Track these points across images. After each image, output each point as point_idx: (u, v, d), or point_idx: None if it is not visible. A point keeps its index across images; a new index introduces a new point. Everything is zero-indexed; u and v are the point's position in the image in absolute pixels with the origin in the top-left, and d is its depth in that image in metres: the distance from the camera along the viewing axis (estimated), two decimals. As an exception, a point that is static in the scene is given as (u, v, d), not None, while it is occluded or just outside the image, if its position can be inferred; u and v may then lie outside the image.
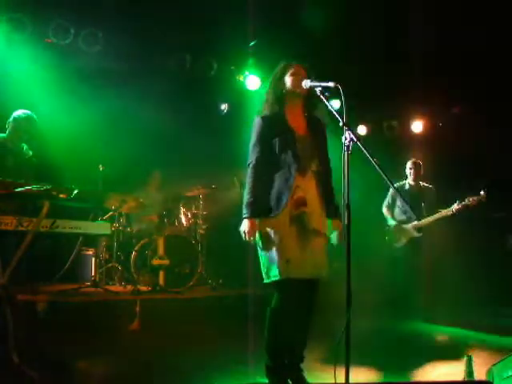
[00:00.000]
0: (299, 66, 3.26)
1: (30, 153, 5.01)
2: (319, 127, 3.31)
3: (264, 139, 3.16)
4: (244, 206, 3.09)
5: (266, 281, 3.10)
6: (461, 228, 6.30)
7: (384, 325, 5.36)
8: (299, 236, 3.07)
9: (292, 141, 3.14)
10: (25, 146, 4.99)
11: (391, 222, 6.30)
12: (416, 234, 6.04)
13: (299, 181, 3.11)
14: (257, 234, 3.09)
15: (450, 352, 4.35)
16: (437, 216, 5.89)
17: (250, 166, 3.15)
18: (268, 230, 3.07)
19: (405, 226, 6.15)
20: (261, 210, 3.09)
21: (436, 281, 5.93)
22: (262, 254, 3.13)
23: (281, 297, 3.10)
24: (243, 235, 3.06)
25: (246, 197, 3.10)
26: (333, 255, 3.20)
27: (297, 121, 3.24)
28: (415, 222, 6.06)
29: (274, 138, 3.14)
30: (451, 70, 6.77)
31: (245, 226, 3.06)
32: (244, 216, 3.07)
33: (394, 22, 6.50)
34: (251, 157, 3.17)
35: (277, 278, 3.02)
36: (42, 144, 5.45)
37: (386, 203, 6.43)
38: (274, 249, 3.04)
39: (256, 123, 3.22)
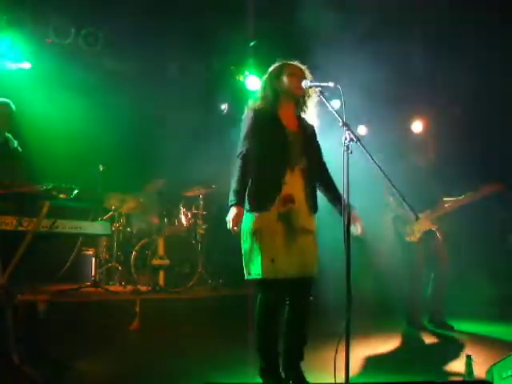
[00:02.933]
0: (296, 65, 3.27)
1: (15, 143, 4.83)
2: (309, 127, 3.33)
3: (255, 132, 3.13)
4: (231, 194, 3.03)
5: (247, 277, 3.09)
6: (460, 227, 6.26)
7: (384, 325, 5.36)
8: (286, 234, 3.04)
9: (283, 136, 3.14)
10: (10, 136, 4.82)
11: (399, 212, 5.30)
12: (432, 227, 5.32)
13: (287, 177, 3.10)
14: (242, 228, 3.04)
15: (450, 352, 4.34)
16: (451, 204, 5.29)
17: (240, 156, 3.10)
18: (254, 225, 3.03)
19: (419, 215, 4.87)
20: (248, 203, 3.06)
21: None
22: (245, 248, 3.08)
23: (265, 296, 3.09)
24: (228, 224, 2.97)
25: (234, 185, 3.04)
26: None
27: (289, 118, 3.24)
28: (429, 211, 5.26)
29: (265, 131, 3.12)
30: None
31: (231, 213, 2.98)
32: (230, 203, 3.00)
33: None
34: (241, 148, 3.12)
35: (259, 277, 2.99)
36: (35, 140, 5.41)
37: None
38: (259, 246, 3.00)
39: (248, 116, 3.20)
